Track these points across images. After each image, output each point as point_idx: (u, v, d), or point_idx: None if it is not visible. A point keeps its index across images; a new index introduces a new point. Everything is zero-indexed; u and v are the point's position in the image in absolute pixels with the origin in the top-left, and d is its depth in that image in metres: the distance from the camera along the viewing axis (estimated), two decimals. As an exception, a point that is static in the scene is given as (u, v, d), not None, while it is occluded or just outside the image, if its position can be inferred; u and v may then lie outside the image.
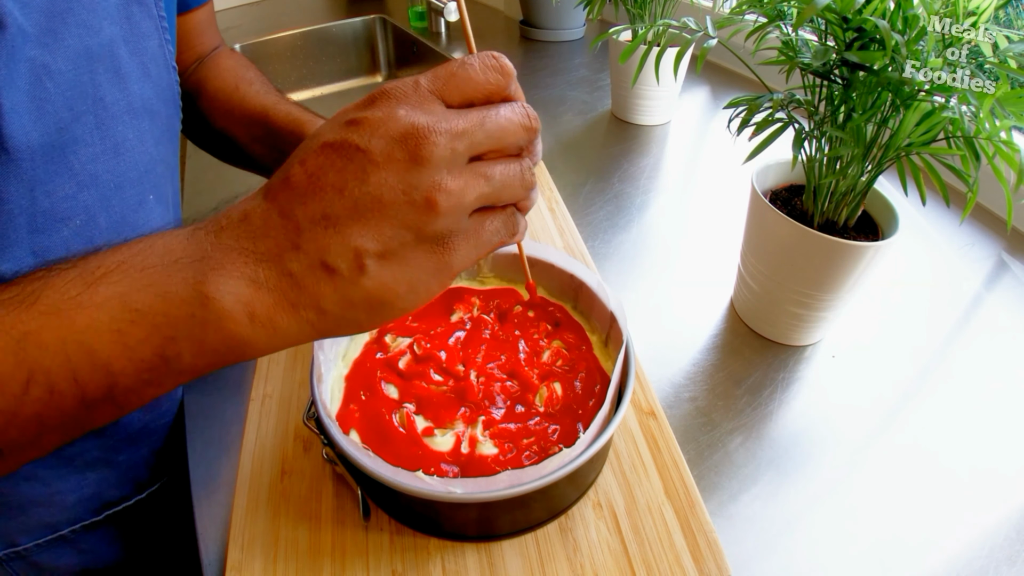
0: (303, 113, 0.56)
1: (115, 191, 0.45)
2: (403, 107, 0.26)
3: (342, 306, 0.26)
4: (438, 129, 0.26)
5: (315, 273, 0.26)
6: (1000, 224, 0.71)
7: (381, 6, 1.56)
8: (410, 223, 0.26)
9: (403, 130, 0.25)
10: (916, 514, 0.44)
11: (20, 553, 0.52)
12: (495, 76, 0.28)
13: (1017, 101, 0.37)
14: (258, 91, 0.59)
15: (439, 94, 0.27)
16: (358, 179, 0.25)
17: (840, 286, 0.50)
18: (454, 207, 0.26)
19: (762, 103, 0.48)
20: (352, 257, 0.26)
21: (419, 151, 0.25)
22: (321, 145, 0.26)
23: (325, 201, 0.26)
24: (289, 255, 0.26)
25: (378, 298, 0.27)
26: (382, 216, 0.25)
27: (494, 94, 0.28)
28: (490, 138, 0.27)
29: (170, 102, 0.51)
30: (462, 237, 0.27)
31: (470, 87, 0.27)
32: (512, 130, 0.28)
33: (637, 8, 0.86)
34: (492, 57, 0.28)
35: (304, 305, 0.26)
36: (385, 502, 0.42)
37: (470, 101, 0.28)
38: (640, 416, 0.48)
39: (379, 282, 0.26)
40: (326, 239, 0.26)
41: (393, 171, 0.25)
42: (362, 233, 0.26)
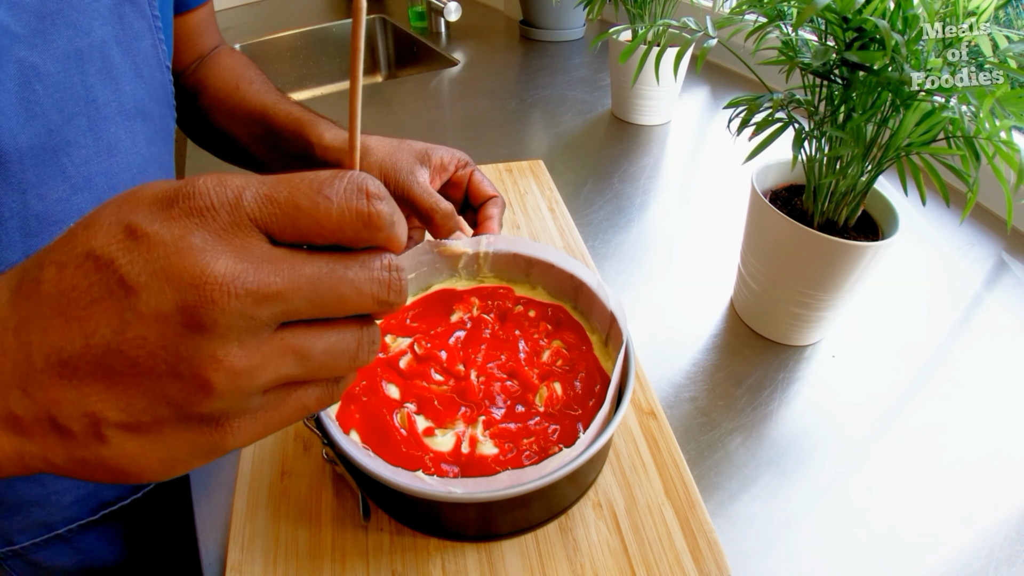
0: (303, 112, 0.56)
1: (108, 192, 0.45)
2: (202, 233, 0.19)
3: (74, 465, 0.21)
4: (236, 286, 0.19)
5: (43, 426, 0.20)
6: (1000, 224, 0.71)
7: (381, 6, 1.56)
8: (172, 399, 0.20)
9: (186, 274, 0.19)
10: (916, 514, 0.44)
11: (17, 552, 0.52)
12: (354, 224, 0.20)
13: (1017, 101, 0.37)
14: (258, 90, 0.59)
15: (264, 225, 0.20)
16: (111, 326, 0.19)
17: (840, 286, 0.50)
18: (236, 390, 0.20)
19: (762, 103, 0.48)
20: (88, 422, 0.20)
21: (199, 312, 0.18)
22: (86, 253, 0.20)
23: (67, 339, 0.19)
24: (14, 394, 0.20)
25: (119, 468, 0.21)
26: (135, 383, 0.19)
27: (351, 243, 0.21)
28: (316, 307, 0.20)
29: (163, 102, 0.50)
30: (246, 418, 0.21)
31: (312, 228, 0.20)
32: (354, 301, 0.21)
33: (637, 8, 0.86)
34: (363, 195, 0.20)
35: (29, 455, 0.21)
36: (385, 502, 0.42)
37: (309, 242, 0.21)
38: (640, 416, 0.48)
39: (121, 453, 0.21)
40: (58, 392, 0.20)
41: (158, 329, 0.19)
42: (104, 398, 0.20)
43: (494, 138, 0.93)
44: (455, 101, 1.08)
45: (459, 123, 1.00)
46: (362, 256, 0.21)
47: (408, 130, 0.97)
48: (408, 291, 0.26)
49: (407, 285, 0.22)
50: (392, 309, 0.22)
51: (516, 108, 1.02)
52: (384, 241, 0.21)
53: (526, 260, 0.52)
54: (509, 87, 1.11)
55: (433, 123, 1.00)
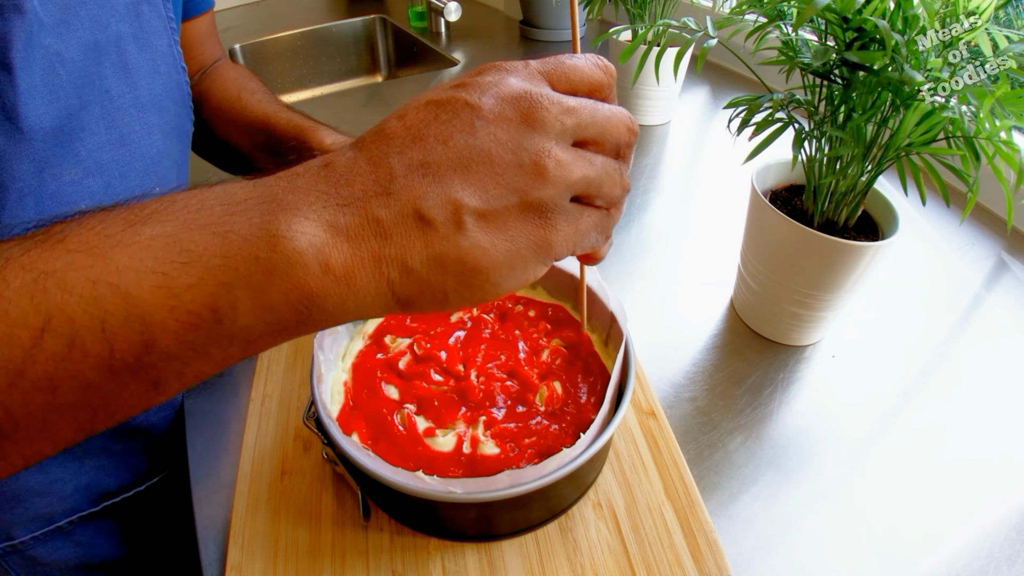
0: (304, 120, 0.57)
1: (120, 180, 0.46)
2: (514, 76, 0.25)
3: (431, 266, 0.23)
4: (551, 98, 0.25)
5: (406, 223, 0.23)
6: (1000, 224, 0.71)
7: (381, 6, 1.56)
8: (516, 185, 0.24)
9: (516, 93, 0.24)
10: (916, 514, 0.44)
11: (16, 547, 0.52)
12: (600, 73, 0.27)
13: (1017, 101, 0.37)
14: (260, 100, 0.60)
15: (548, 76, 0.26)
16: (465, 131, 0.24)
17: (840, 286, 0.50)
18: (561, 178, 0.25)
19: (762, 103, 0.48)
20: (451, 209, 0.23)
21: (532, 113, 0.24)
22: (425, 102, 0.25)
23: (426, 150, 0.24)
24: (378, 200, 0.23)
25: (472, 263, 0.24)
26: (488, 171, 0.24)
27: (597, 91, 0.27)
28: (596, 126, 0.26)
29: (179, 100, 0.52)
30: (564, 217, 0.25)
31: (577, 76, 0.26)
32: (616, 126, 0.27)
33: (637, 8, 0.86)
34: (598, 56, 0.28)
35: (388, 259, 0.23)
36: (385, 502, 0.42)
37: (575, 92, 0.27)
38: (640, 416, 0.48)
39: (477, 243, 0.24)
40: (423, 186, 0.23)
41: (504, 128, 0.24)
42: (464, 186, 0.23)
43: (494, 138, 0.93)
44: (455, 101, 1.08)
45: (459, 123, 0.99)
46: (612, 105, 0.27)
47: (408, 130, 0.97)
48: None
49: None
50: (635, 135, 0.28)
51: (516, 108, 1.02)
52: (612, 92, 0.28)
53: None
54: (509, 87, 1.10)
55: (433, 123, 1.00)
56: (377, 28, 1.50)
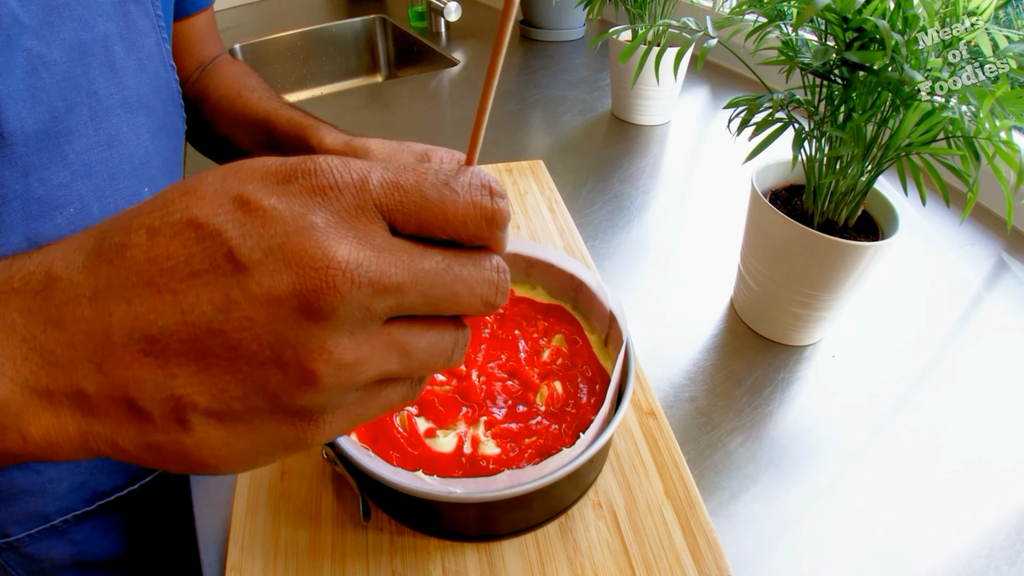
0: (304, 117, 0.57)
1: (109, 182, 0.46)
2: (325, 212, 0.18)
3: (146, 451, 0.19)
4: (359, 274, 0.17)
5: (117, 407, 0.18)
6: (1000, 224, 0.71)
7: (381, 6, 1.56)
8: (269, 389, 0.18)
9: (307, 256, 0.17)
10: (916, 514, 0.44)
11: (12, 544, 0.52)
12: (477, 220, 0.19)
13: (1017, 101, 0.37)
14: (260, 97, 0.60)
15: (388, 212, 0.19)
16: (214, 304, 0.17)
17: (840, 286, 0.50)
18: (339, 384, 0.18)
19: (762, 103, 0.48)
20: (172, 407, 0.18)
21: (317, 298, 0.17)
22: (188, 220, 0.18)
23: (157, 313, 0.18)
24: (86, 369, 0.18)
25: (195, 458, 0.19)
26: (232, 369, 0.18)
27: (466, 239, 0.20)
28: (429, 303, 0.19)
29: (168, 99, 0.51)
30: (337, 412, 0.20)
31: (437, 220, 0.19)
32: (465, 300, 0.20)
33: (637, 8, 0.86)
34: (487, 191, 0.20)
35: (96, 436, 0.19)
36: (385, 502, 0.42)
37: (428, 235, 0.20)
38: (640, 416, 0.48)
39: (203, 442, 0.19)
40: (141, 371, 0.18)
41: (269, 313, 0.17)
42: (195, 381, 0.18)
43: (494, 138, 0.93)
44: (455, 101, 1.08)
45: (459, 123, 1.00)
46: (475, 255, 0.20)
47: (408, 130, 0.97)
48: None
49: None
50: (493, 311, 0.21)
51: (516, 108, 1.02)
52: (496, 240, 0.21)
53: (526, 260, 0.52)
54: (509, 87, 1.11)
55: (433, 123, 1.00)
56: (377, 28, 1.50)
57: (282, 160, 0.19)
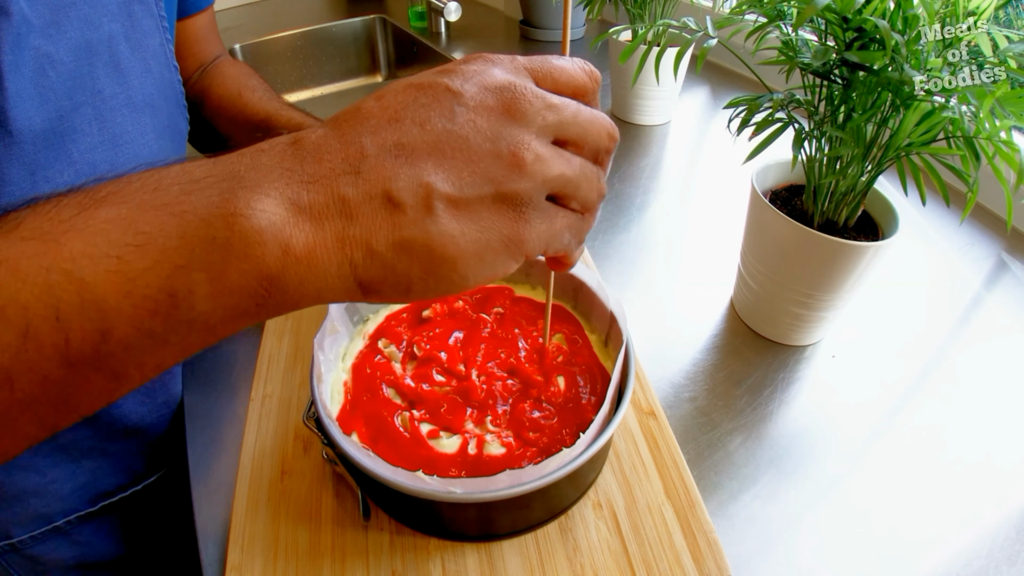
0: (305, 118, 0.57)
1: None
2: (499, 67, 0.25)
3: (397, 250, 0.22)
4: (535, 92, 0.24)
5: (374, 203, 0.22)
6: (1000, 224, 0.71)
7: (381, 6, 1.56)
8: (492, 174, 0.23)
9: (500, 83, 0.24)
10: (916, 514, 0.44)
11: (15, 545, 0.52)
12: (585, 77, 0.27)
13: (1017, 101, 0.37)
14: (261, 97, 0.60)
15: (532, 73, 0.26)
16: (444, 116, 0.23)
17: (840, 286, 0.50)
18: (538, 173, 0.24)
19: (762, 103, 0.48)
20: (422, 194, 0.22)
21: (514, 104, 0.24)
22: (406, 85, 0.24)
23: (401, 131, 0.23)
24: (345, 179, 0.22)
25: (440, 250, 0.23)
26: (465, 158, 0.23)
27: (581, 94, 0.27)
28: (578, 126, 0.26)
29: (172, 99, 0.52)
30: (538, 214, 0.25)
31: (563, 77, 0.26)
32: (597, 129, 0.26)
33: (637, 8, 0.86)
34: (586, 62, 0.28)
35: (353, 241, 0.22)
36: (385, 502, 0.42)
37: (559, 92, 0.26)
38: (640, 416, 0.48)
39: (446, 231, 0.23)
40: (395, 168, 0.22)
41: (484, 116, 0.23)
42: (438, 170, 0.23)
43: (494, 138, 0.93)
44: (455, 101, 1.08)
45: (459, 123, 0.99)
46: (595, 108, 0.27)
47: (408, 130, 0.97)
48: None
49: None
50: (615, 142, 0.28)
51: (516, 108, 1.02)
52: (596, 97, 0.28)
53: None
54: (509, 87, 1.10)
55: (433, 123, 1.00)
56: (377, 28, 1.50)
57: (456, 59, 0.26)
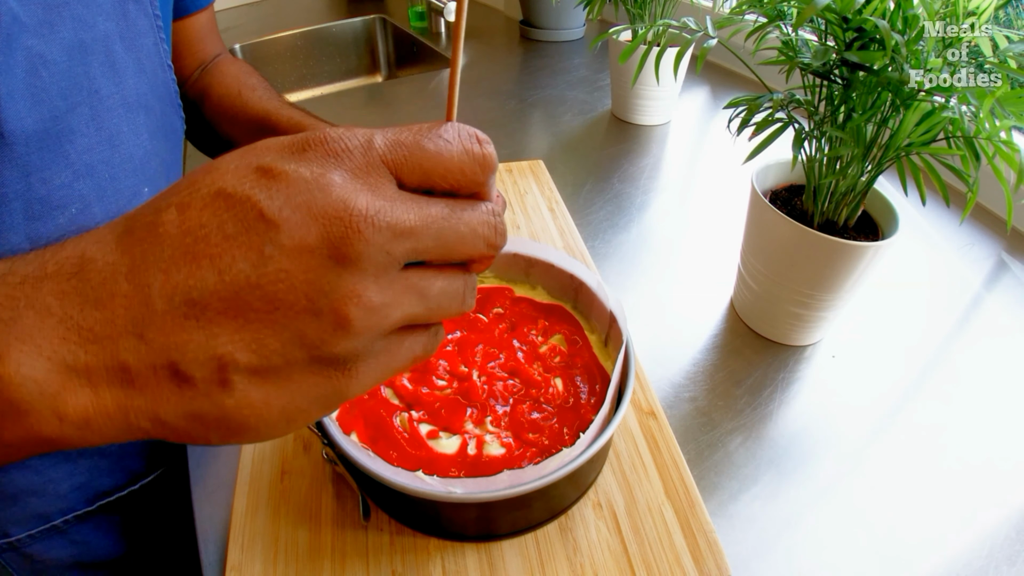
0: (305, 117, 0.57)
1: (110, 182, 0.46)
2: (341, 172, 0.19)
3: (188, 421, 0.20)
4: (378, 220, 0.19)
5: (158, 374, 0.19)
6: (1000, 224, 0.71)
7: (381, 6, 1.56)
8: (307, 339, 0.19)
9: (331, 208, 0.19)
10: (916, 514, 0.44)
11: (12, 544, 0.52)
12: (472, 166, 0.21)
13: (1017, 101, 0.37)
14: (261, 96, 0.60)
15: (394, 167, 0.20)
16: (250, 260, 0.18)
17: (840, 286, 0.50)
18: (370, 327, 0.20)
19: (762, 103, 0.48)
20: (214, 366, 0.19)
21: (345, 244, 0.18)
22: (215, 192, 0.19)
23: (197, 276, 0.19)
24: (127, 341, 0.19)
25: (238, 421, 0.20)
26: (270, 321, 0.19)
27: (463, 186, 0.21)
28: (440, 246, 0.21)
29: (166, 99, 0.51)
30: (369, 361, 0.21)
31: (437, 170, 0.21)
32: (471, 242, 0.21)
33: (637, 8, 0.86)
34: (475, 139, 0.22)
35: (136, 410, 0.19)
36: (385, 502, 0.42)
37: (430, 186, 0.21)
38: (640, 416, 0.48)
39: (244, 403, 0.20)
40: (184, 333, 0.19)
41: (302, 263, 0.18)
42: (236, 339, 0.19)
43: (494, 138, 0.93)
44: (455, 101, 1.08)
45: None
46: (472, 201, 0.22)
47: (408, 130, 0.97)
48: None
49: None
50: (495, 252, 0.23)
51: (516, 108, 1.02)
52: (486, 187, 0.22)
53: (526, 260, 0.52)
54: (509, 87, 1.11)
55: (433, 123, 1.00)
56: (377, 28, 1.50)
57: (293, 136, 0.21)
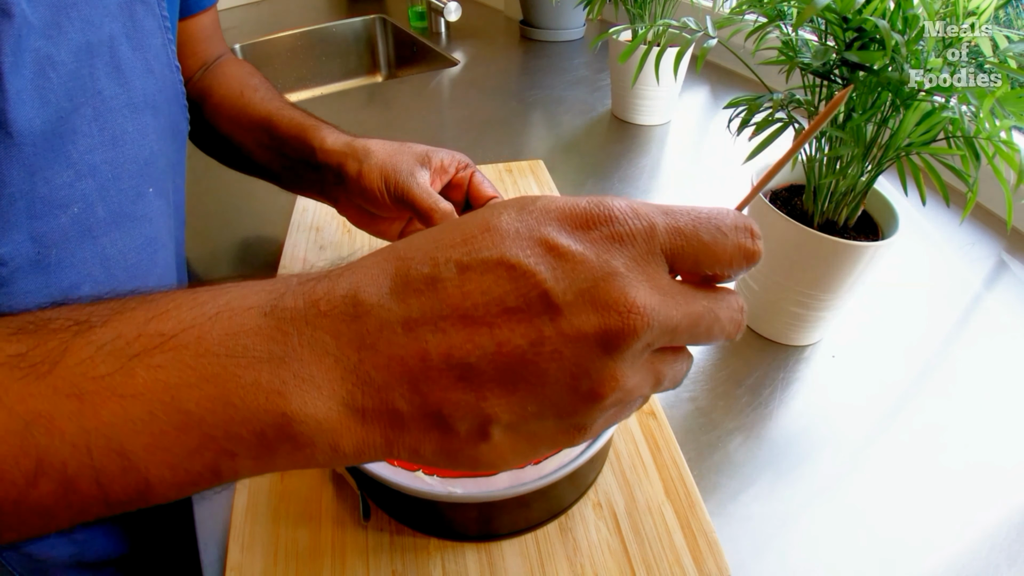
0: (306, 118, 0.57)
1: (113, 182, 0.46)
2: (624, 259, 0.20)
3: (441, 458, 0.21)
4: (653, 320, 0.19)
5: (426, 421, 0.20)
6: (1000, 224, 0.71)
7: (381, 6, 1.56)
8: (563, 409, 0.20)
9: (612, 301, 0.19)
10: (916, 514, 0.44)
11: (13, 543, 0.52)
12: (740, 260, 0.21)
13: (1017, 101, 0.37)
14: (263, 97, 0.60)
15: (670, 256, 0.20)
16: (529, 339, 0.19)
17: (840, 286, 0.50)
18: (615, 403, 0.21)
19: (762, 103, 0.48)
20: (479, 422, 0.20)
21: (619, 338, 0.19)
22: (498, 260, 0.20)
23: (475, 344, 0.19)
24: (401, 390, 0.20)
25: (483, 462, 0.22)
26: (534, 390, 0.20)
27: (726, 276, 0.22)
28: (692, 337, 0.21)
29: (173, 100, 0.52)
30: (602, 422, 0.22)
31: (709, 262, 0.21)
32: (717, 335, 0.22)
33: (637, 8, 0.86)
34: (749, 233, 0.21)
35: (399, 445, 0.21)
36: (385, 502, 0.42)
37: (698, 276, 0.22)
38: (640, 416, 0.48)
39: (496, 451, 0.21)
40: (458, 394, 0.20)
41: (574, 348, 0.19)
42: (503, 403, 0.20)
43: (494, 138, 0.93)
44: (455, 101, 1.08)
45: (459, 123, 1.00)
46: (728, 296, 0.22)
47: (408, 130, 0.97)
48: None
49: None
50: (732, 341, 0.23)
51: (516, 108, 1.02)
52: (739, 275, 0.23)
53: None
54: (509, 87, 1.11)
55: (433, 123, 1.00)
56: (377, 28, 1.50)
57: (574, 202, 0.21)
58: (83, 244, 0.45)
